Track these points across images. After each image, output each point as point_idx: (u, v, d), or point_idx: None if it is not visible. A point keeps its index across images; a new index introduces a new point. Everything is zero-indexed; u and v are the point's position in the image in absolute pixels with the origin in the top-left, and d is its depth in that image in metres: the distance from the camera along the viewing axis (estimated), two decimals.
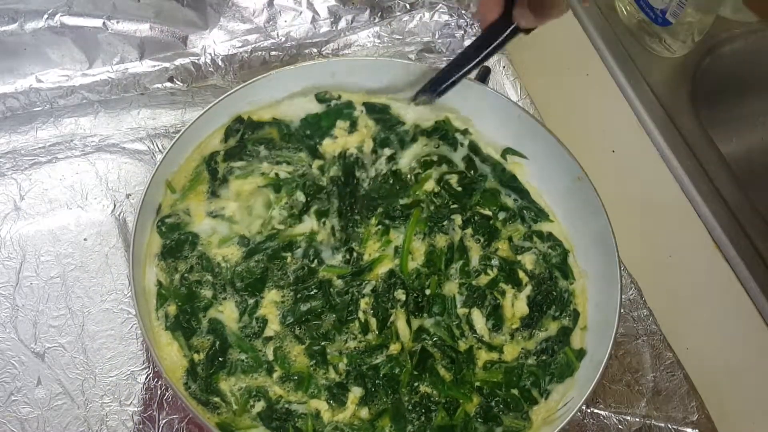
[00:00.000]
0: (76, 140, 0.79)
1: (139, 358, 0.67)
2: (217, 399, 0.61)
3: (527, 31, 0.62)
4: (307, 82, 0.74)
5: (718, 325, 0.77)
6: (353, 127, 0.75)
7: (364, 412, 0.62)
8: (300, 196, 0.71)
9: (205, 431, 0.64)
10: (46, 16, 0.82)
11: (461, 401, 0.63)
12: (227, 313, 0.65)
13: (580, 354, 0.65)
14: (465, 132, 0.76)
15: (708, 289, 0.80)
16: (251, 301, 0.66)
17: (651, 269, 0.78)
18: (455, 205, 0.73)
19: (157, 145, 0.80)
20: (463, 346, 0.66)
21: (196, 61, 0.86)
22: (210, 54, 0.86)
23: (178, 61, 0.85)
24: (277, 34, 0.89)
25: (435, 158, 0.75)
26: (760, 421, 0.72)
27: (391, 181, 0.73)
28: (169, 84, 0.85)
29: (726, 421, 0.69)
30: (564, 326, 0.68)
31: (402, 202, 0.72)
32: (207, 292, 0.66)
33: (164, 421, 0.64)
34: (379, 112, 0.76)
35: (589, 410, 0.69)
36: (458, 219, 0.72)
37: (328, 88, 0.75)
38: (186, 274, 0.66)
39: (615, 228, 0.79)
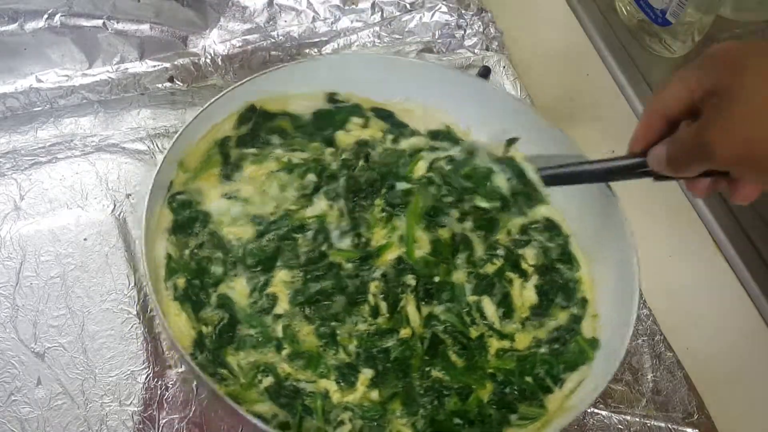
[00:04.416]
0: (76, 140, 0.79)
1: (139, 357, 0.67)
2: (224, 371, 0.60)
3: (658, 177, 0.57)
4: (322, 76, 0.75)
5: (718, 325, 0.77)
6: (366, 122, 0.77)
7: (375, 395, 0.62)
8: (311, 177, 0.72)
9: (205, 430, 0.64)
10: (46, 16, 0.82)
11: (474, 387, 0.63)
12: (237, 289, 0.65)
13: (593, 343, 0.65)
14: (470, 142, 0.76)
15: (708, 289, 0.80)
16: (262, 279, 0.66)
17: (651, 269, 0.77)
18: (450, 197, 0.72)
19: (157, 145, 0.80)
20: (474, 333, 0.66)
21: (196, 61, 0.86)
22: (210, 54, 0.86)
23: (178, 61, 0.85)
24: (277, 34, 0.89)
25: (429, 148, 0.76)
26: (760, 421, 0.72)
27: (393, 155, 0.74)
28: (169, 84, 0.85)
29: (726, 421, 0.69)
30: (573, 315, 0.67)
31: (400, 186, 0.72)
32: (217, 269, 0.66)
33: (164, 421, 0.64)
34: (387, 117, 0.78)
35: (589, 410, 0.69)
36: (455, 213, 0.72)
37: (339, 90, 0.76)
38: (196, 250, 0.66)
39: None
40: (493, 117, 0.75)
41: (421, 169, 0.74)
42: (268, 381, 0.61)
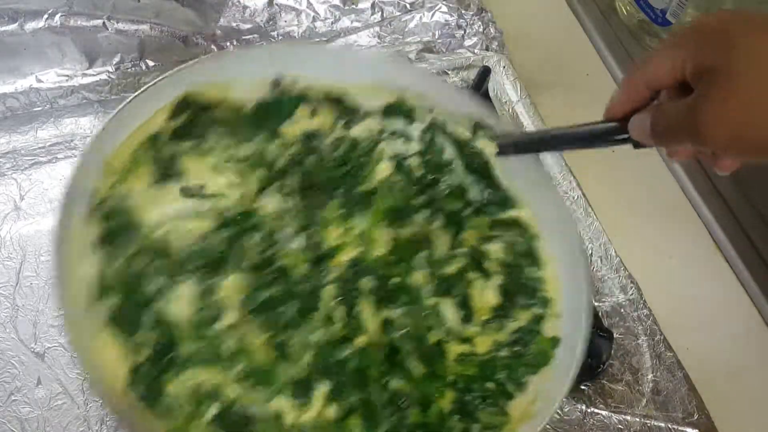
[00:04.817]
0: (76, 140, 0.79)
1: None
2: (165, 402, 0.55)
3: (636, 144, 0.55)
4: (268, 64, 0.69)
5: (718, 325, 0.77)
6: (314, 112, 0.70)
7: (332, 411, 0.58)
8: (260, 173, 0.66)
9: None
10: (46, 16, 0.82)
11: (435, 396, 0.60)
12: (178, 300, 0.59)
13: (554, 342, 0.62)
14: (430, 110, 0.69)
15: (708, 289, 0.80)
16: (209, 283, 0.60)
17: (651, 269, 0.78)
18: (420, 198, 0.68)
19: None
20: (433, 338, 0.63)
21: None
22: (210, 54, 0.86)
23: (178, 61, 0.85)
24: (277, 34, 0.89)
25: (385, 134, 0.69)
26: (760, 421, 0.72)
27: (347, 148, 0.68)
28: None
29: (726, 421, 0.69)
30: (535, 315, 0.64)
31: (361, 188, 0.67)
32: (156, 279, 0.60)
33: None
34: (336, 101, 0.71)
35: (589, 410, 0.69)
36: (423, 213, 0.68)
37: (284, 72, 0.69)
38: (129, 261, 0.60)
39: (615, 228, 0.79)
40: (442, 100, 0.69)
41: (384, 170, 0.68)
42: (214, 409, 0.55)
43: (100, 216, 0.61)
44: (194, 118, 0.67)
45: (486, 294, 0.66)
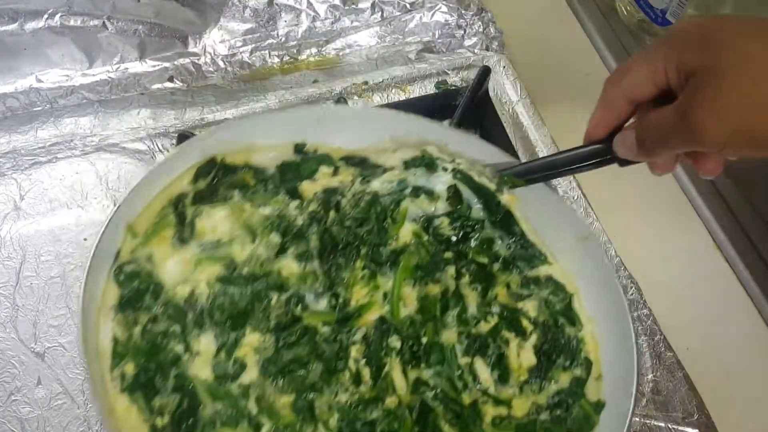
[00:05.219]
0: (76, 140, 0.79)
1: None
2: None
3: (623, 162, 0.54)
4: (290, 127, 0.69)
5: (718, 325, 0.77)
6: (336, 171, 0.69)
7: None
8: (275, 237, 0.64)
9: None
10: (46, 16, 0.82)
11: None
12: (200, 359, 0.58)
13: (598, 406, 0.61)
14: (452, 161, 0.68)
15: (708, 289, 0.80)
16: (231, 337, 0.59)
17: (651, 269, 0.78)
18: (448, 253, 0.66)
19: (157, 145, 0.80)
20: (467, 399, 0.60)
21: (196, 61, 0.86)
22: (210, 54, 0.86)
23: (178, 61, 0.85)
24: (277, 34, 0.89)
25: (409, 188, 0.67)
26: (760, 421, 0.72)
27: (369, 205, 0.66)
28: (169, 84, 0.85)
29: (726, 421, 0.69)
30: (576, 377, 0.63)
31: (387, 248, 0.65)
32: (174, 344, 0.59)
33: None
34: (359, 163, 0.70)
35: None
36: (451, 270, 0.65)
37: (308, 140, 0.69)
38: (149, 326, 0.59)
39: (615, 228, 0.79)
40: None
41: (407, 234, 0.66)
42: None
43: (121, 280, 0.61)
44: (217, 181, 0.67)
45: (523, 354, 0.64)
